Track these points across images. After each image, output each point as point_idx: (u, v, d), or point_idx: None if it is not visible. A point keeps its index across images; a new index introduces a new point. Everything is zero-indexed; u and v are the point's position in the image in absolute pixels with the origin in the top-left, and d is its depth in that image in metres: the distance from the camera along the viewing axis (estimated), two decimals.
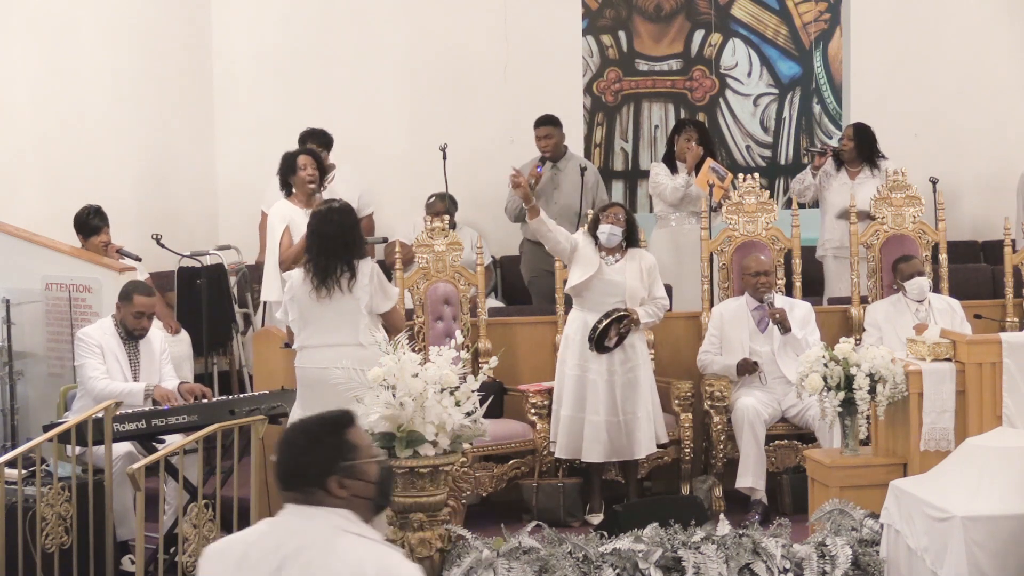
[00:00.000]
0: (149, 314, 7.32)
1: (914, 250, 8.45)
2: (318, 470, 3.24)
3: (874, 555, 5.93)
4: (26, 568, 6.35)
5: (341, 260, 6.64)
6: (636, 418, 7.60)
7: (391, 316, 6.87)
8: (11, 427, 7.87)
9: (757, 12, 11.40)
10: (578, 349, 7.64)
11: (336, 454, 3.26)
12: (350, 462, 3.26)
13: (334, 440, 3.28)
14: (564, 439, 7.63)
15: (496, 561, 5.77)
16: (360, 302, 6.65)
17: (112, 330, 7.31)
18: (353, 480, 3.26)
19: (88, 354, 7.21)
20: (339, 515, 3.24)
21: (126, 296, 7.30)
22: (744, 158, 11.43)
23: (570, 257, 7.74)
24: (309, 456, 3.26)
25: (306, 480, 3.25)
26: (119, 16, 9.62)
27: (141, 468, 6.11)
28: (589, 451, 7.60)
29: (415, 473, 5.81)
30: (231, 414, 6.86)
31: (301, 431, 3.32)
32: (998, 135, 10.78)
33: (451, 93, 10.34)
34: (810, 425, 7.72)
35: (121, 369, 7.27)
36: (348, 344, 6.54)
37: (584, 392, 7.60)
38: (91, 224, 8.32)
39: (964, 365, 6.46)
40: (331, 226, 6.69)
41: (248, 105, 10.24)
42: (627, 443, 7.60)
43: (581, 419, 7.60)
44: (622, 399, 7.60)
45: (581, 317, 7.69)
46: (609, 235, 7.68)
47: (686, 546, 5.89)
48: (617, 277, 7.67)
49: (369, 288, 6.68)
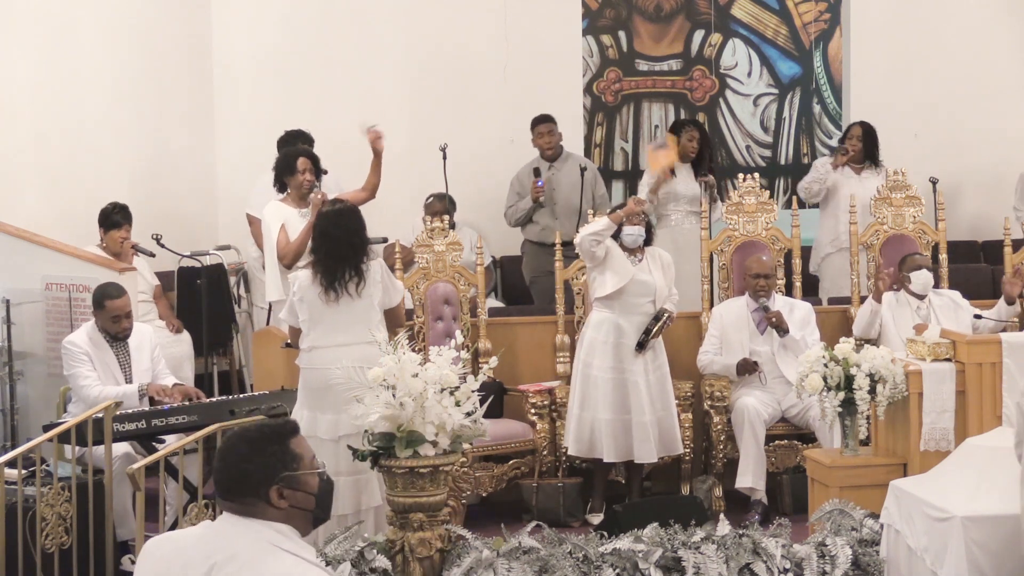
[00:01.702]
0: (126, 313, 7.29)
1: (915, 250, 8.45)
2: (259, 479, 3.19)
3: (874, 555, 5.93)
4: (26, 568, 6.34)
5: (348, 264, 6.58)
6: (671, 414, 7.68)
7: (396, 312, 6.86)
8: (11, 427, 7.86)
9: (757, 12, 11.39)
10: (611, 351, 7.62)
11: (279, 463, 3.21)
12: (292, 472, 3.21)
13: (277, 449, 3.22)
14: (611, 442, 7.58)
15: (496, 561, 5.77)
16: (373, 299, 6.63)
17: (96, 335, 7.28)
18: (293, 491, 3.22)
19: (76, 362, 7.19)
20: (274, 529, 3.19)
21: (98, 304, 7.28)
22: (744, 158, 11.43)
23: (603, 263, 7.67)
24: (250, 464, 3.20)
25: (246, 488, 3.20)
26: (119, 16, 9.62)
27: (141, 468, 6.11)
28: (642, 452, 7.60)
29: (415, 473, 5.80)
30: (231, 414, 6.86)
31: (243, 439, 3.25)
32: (998, 135, 10.78)
33: (451, 93, 10.34)
34: (810, 425, 7.72)
35: (112, 373, 7.25)
36: (360, 343, 6.47)
37: (626, 393, 7.59)
38: (113, 219, 8.50)
39: (964, 365, 6.46)
40: (338, 229, 6.62)
41: (248, 105, 10.24)
42: (666, 440, 7.66)
43: (625, 421, 7.59)
44: (656, 398, 7.64)
45: (611, 319, 7.65)
46: (636, 237, 7.69)
47: (686, 546, 5.89)
48: (646, 277, 7.68)
49: (381, 285, 6.67)
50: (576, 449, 7.67)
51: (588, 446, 7.65)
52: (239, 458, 3.22)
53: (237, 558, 3.15)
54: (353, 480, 6.48)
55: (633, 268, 7.67)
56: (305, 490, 3.24)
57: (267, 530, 3.19)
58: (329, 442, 6.47)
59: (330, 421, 6.49)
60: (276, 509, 3.20)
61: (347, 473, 6.43)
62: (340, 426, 6.42)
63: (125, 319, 7.28)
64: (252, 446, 3.23)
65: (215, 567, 3.15)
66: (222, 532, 3.22)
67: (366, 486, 6.52)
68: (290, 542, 3.20)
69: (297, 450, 3.25)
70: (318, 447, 6.52)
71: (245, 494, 3.20)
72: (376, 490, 6.46)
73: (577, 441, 7.66)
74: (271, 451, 3.22)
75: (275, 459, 3.21)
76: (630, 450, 7.62)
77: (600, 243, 7.58)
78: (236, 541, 3.18)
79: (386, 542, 5.89)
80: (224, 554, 3.17)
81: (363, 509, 6.52)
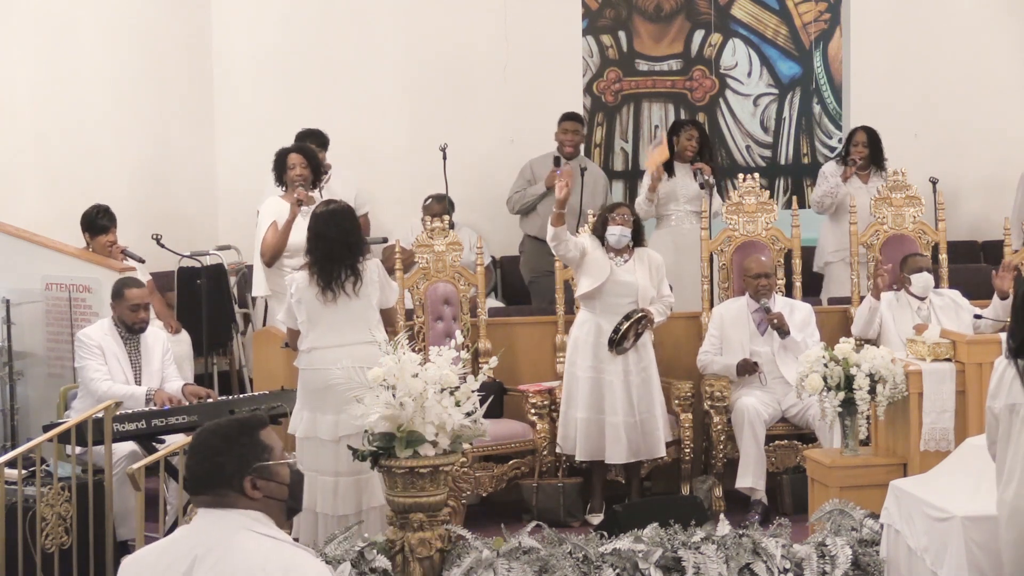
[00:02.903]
0: (145, 304, 7.37)
1: (915, 250, 8.45)
2: (232, 470, 3.26)
3: (874, 555, 5.93)
4: (26, 568, 6.34)
5: (344, 264, 6.56)
6: (653, 417, 7.67)
7: (390, 313, 6.86)
8: (11, 427, 7.86)
9: (757, 12, 11.39)
10: (591, 351, 7.66)
11: (250, 454, 3.28)
12: (263, 463, 3.29)
13: (248, 440, 3.30)
14: (584, 442, 7.64)
15: (496, 561, 5.77)
16: (371, 299, 6.63)
17: (111, 330, 7.32)
18: (266, 481, 3.29)
19: (88, 355, 7.22)
20: (249, 516, 3.26)
21: (118, 294, 7.33)
22: (744, 158, 11.42)
23: (579, 264, 7.74)
24: (223, 456, 3.27)
25: (220, 480, 3.26)
26: (119, 16, 9.62)
27: (141, 468, 6.12)
28: (612, 453, 7.63)
29: (415, 473, 5.80)
30: (231, 414, 6.84)
31: (214, 433, 3.32)
32: (998, 135, 10.78)
33: (451, 93, 10.34)
34: (810, 425, 7.72)
35: (122, 369, 7.28)
36: (359, 343, 6.45)
37: (601, 394, 7.62)
38: (99, 223, 8.34)
39: (964, 365, 6.46)
40: (332, 229, 6.58)
41: (248, 105, 10.24)
42: (646, 442, 7.65)
43: (599, 421, 7.62)
44: (638, 399, 7.64)
45: (592, 320, 7.70)
46: (620, 236, 7.71)
47: (686, 546, 5.89)
48: (628, 278, 7.70)
49: (378, 284, 6.66)
50: (561, 446, 7.74)
51: (572, 443, 7.70)
52: (212, 451, 3.29)
53: (215, 548, 3.22)
54: (354, 480, 6.49)
55: (612, 269, 7.69)
56: (277, 480, 3.31)
57: (242, 518, 3.26)
58: (330, 443, 6.48)
59: (330, 422, 6.49)
60: (250, 499, 3.27)
61: (348, 473, 6.43)
62: (340, 427, 6.41)
63: (143, 310, 7.36)
64: (224, 439, 3.30)
65: (197, 560, 3.22)
66: (200, 527, 3.29)
67: (366, 486, 6.52)
68: (264, 527, 3.27)
69: (267, 441, 3.33)
70: (319, 448, 6.53)
71: (219, 485, 3.27)
72: (377, 490, 6.43)
73: (563, 439, 7.73)
74: (242, 442, 3.29)
75: (247, 450, 3.29)
76: (601, 450, 7.64)
77: (561, 245, 7.62)
78: (213, 531, 3.25)
79: (386, 542, 5.89)
80: (204, 546, 3.23)
81: (364, 509, 6.52)
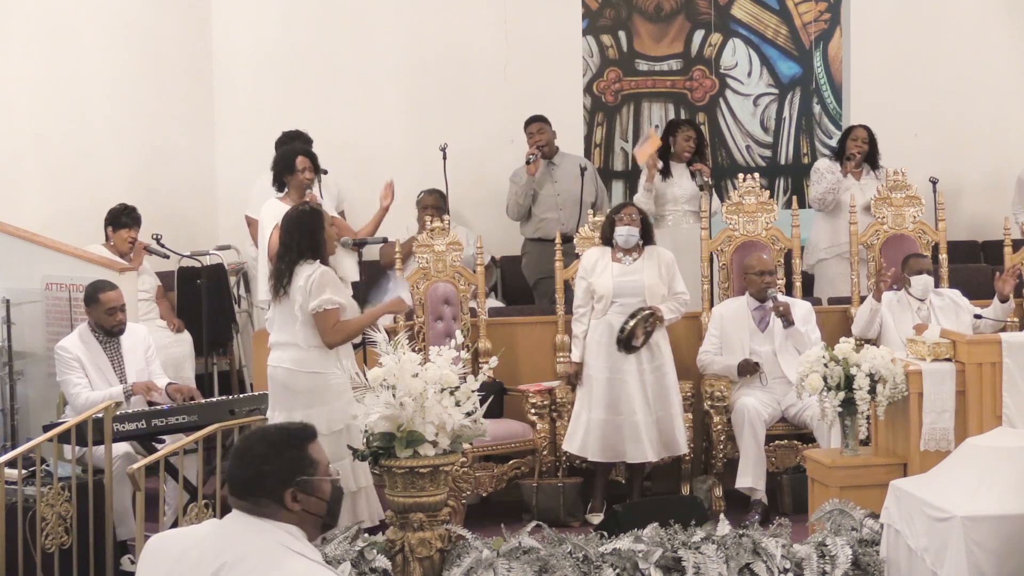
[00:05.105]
0: (120, 307, 7.33)
1: (915, 250, 8.45)
2: (275, 481, 3.22)
3: (874, 555, 5.93)
4: (26, 568, 6.34)
5: (285, 263, 6.73)
6: (671, 415, 7.68)
7: (319, 319, 6.64)
8: (11, 427, 7.87)
9: (757, 12, 11.39)
10: (605, 352, 7.66)
11: (296, 467, 3.24)
12: (307, 477, 3.25)
13: (296, 453, 3.26)
14: (600, 442, 7.62)
15: (496, 561, 5.77)
16: (295, 303, 6.67)
17: (89, 336, 7.29)
18: (307, 495, 3.25)
19: (67, 369, 7.21)
20: (286, 530, 3.22)
21: (91, 299, 7.31)
22: (744, 158, 11.42)
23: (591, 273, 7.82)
24: (268, 465, 3.23)
25: (262, 489, 3.22)
26: (119, 16, 9.63)
27: (141, 468, 6.11)
28: (634, 452, 7.62)
29: (415, 473, 5.80)
30: (231, 414, 6.87)
31: (263, 440, 3.28)
32: (998, 135, 10.77)
33: (451, 93, 10.34)
34: (808, 425, 7.72)
35: (104, 376, 7.26)
36: (289, 344, 6.67)
37: (618, 394, 7.62)
38: (121, 220, 8.60)
39: (964, 365, 6.46)
40: (286, 231, 6.79)
41: (248, 105, 10.24)
42: (666, 440, 7.66)
43: (617, 421, 7.61)
44: (654, 398, 7.64)
45: (604, 321, 7.71)
46: (627, 236, 7.75)
47: (686, 546, 5.89)
48: (635, 276, 7.70)
49: (304, 290, 6.65)
50: (568, 445, 7.74)
51: (581, 444, 7.68)
52: (258, 458, 3.24)
53: (248, 558, 3.16)
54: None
55: (613, 275, 7.71)
56: (318, 495, 3.27)
57: (278, 531, 3.21)
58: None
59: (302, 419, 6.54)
60: (288, 512, 3.23)
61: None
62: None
63: (120, 312, 7.32)
64: (272, 448, 3.25)
65: (225, 566, 3.17)
66: (233, 531, 3.23)
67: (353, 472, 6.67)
68: (300, 544, 3.22)
69: (315, 455, 3.28)
70: None
71: (260, 494, 3.22)
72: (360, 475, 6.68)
73: (571, 440, 7.72)
74: (290, 454, 3.25)
75: (293, 463, 3.24)
76: (618, 451, 7.64)
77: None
78: (247, 541, 3.19)
79: (386, 542, 5.89)
80: (235, 553, 3.18)
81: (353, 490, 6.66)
